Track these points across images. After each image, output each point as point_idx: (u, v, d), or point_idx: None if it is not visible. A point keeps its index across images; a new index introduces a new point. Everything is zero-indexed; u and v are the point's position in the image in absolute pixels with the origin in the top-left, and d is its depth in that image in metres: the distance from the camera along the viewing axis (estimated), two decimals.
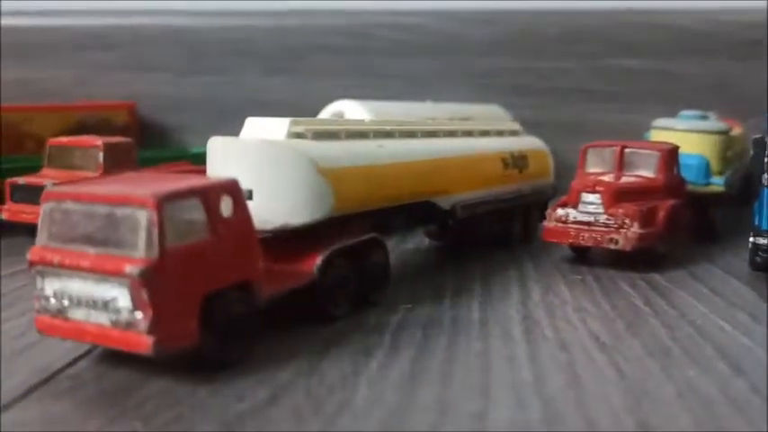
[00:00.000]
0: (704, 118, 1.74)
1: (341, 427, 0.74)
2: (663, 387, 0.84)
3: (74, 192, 0.85)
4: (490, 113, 1.91)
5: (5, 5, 2.28)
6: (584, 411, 0.78)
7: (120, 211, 0.81)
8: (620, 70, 2.17)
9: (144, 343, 0.79)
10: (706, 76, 2.16)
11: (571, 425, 0.75)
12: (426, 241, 1.65)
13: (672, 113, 1.77)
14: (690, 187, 1.59)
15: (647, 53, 2.16)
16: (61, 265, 0.83)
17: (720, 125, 1.72)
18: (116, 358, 0.91)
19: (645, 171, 1.49)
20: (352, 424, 0.74)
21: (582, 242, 1.41)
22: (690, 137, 1.67)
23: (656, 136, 1.72)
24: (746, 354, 0.96)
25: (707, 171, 1.66)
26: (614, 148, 1.50)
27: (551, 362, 0.92)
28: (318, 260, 1.04)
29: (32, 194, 1.54)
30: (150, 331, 0.79)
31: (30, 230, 1.55)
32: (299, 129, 1.10)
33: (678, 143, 1.57)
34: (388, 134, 1.26)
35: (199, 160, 1.52)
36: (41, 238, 0.87)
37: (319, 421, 0.75)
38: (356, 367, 0.90)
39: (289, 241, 1.07)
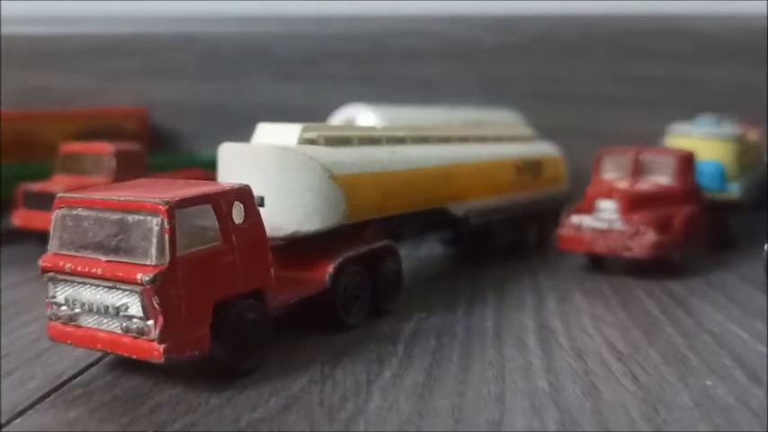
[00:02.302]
0: (720, 123, 1.72)
1: None
2: (680, 396, 0.83)
3: (86, 198, 0.85)
4: (504, 119, 1.90)
5: (20, 13, 2.29)
6: (601, 420, 0.77)
7: (132, 218, 0.81)
8: (638, 76, 2.15)
9: (155, 350, 0.79)
10: (725, 82, 2.14)
11: None
12: (440, 249, 1.64)
13: (690, 119, 1.75)
14: (705, 193, 1.57)
15: (665, 58, 2.15)
16: (73, 273, 0.83)
17: (736, 131, 1.70)
18: (128, 366, 0.90)
19: (661, 177, 1.47)
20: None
21: (597, 250, 1.40)
22: (705, 143, 1.66)
23: (672, 142, 1.71)
24: (764, 362, 0.94)
25: (722, 177, 1.64)
26: (630, 154, 1.49)
27: (567, 371, 0.91)
28: (330, 268, 1.04)
29: (44, 201, 1.55)
30: (161, 339, 0.79)
31: (42, 237, 1.56)
32: (312, 135, 1.09)
33: (694, 149, 1.56)
34: (401, 140, 1.26)
35: (211, 166, 1.52)
36: (53, 244, 0.86)
37: (333, 429, 0.74)
38: (370, 376, 0.89)
39: (301, 248, 1.06)
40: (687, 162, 1.49)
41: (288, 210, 1.02)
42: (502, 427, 0.75)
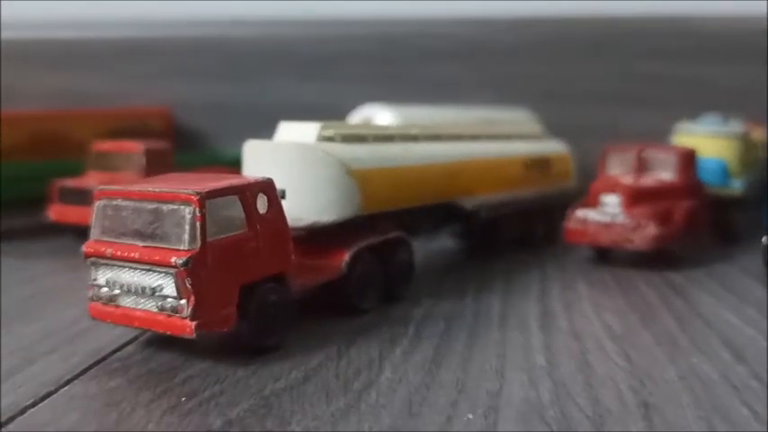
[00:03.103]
0: (725, 122, 1.78)
1: (367, 403, 0.81)
2: (667, 371, 0.90)
3: (124, 190, 0.94)
4: (516, 117, 1.97)
5: (51, 18, 2.39)
6: (592, 391, 0.84)
7: (167, 207, 0.89)
8: (647, 75, 2.21)
9: (187, 327, 0.87)
10: (734, 81, 2.18)
11: (578, 402, 0.81)
12: (451, 242, 1.71)
13: (697, 118, 1.81)
14: (709, 189, 1.63)
15: (674, 59, 2.20)
16: (113, 257, 0.92)
17: (740, 129, 1.76)
18: (162, 343, 0.99)
19: (663, 173, 1.54)
20: (378, 400, 0.81)
21: (601, 242, 1.47)
22: (709, 140, 1.72)
23: (678, 139, 1.77)
24: (750, 344, 1.01)
25: (726, 174, 1.70)
26: (634, 151, 1.56)
27: (564, 350, 0.98)
28: (347, 256, 1.11)
29: (78, 196, 1.64)
30: (193, 316, 0.87)
31: (76, 231, 1.66)
32: (329, 132, 1.17)
33: (699, 146, 1.62)
34: (414, 138, 1.33)
35: (233, 164, 1.60)
36: (95, 232, 0.95)
37: (347, 398, 0.82)
38: (382, 353, 0.97)
39: (319, 238, 1.14)
40: (688, 158, 1.55)
41: (307, 202, 1.10)
42: (501, 397, 0.83)
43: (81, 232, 1.43)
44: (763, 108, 2.10)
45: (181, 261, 0.86)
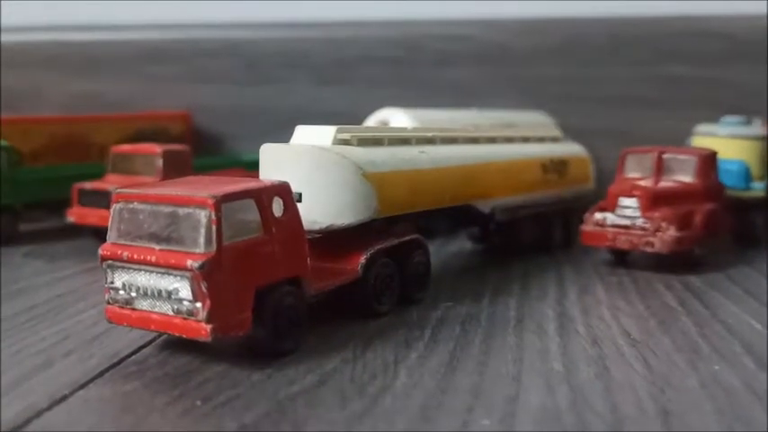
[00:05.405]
0: (746, 124, 1.76)
1: (382, 407, 0.81)
2: (687, 379, 0.89)
3: (141, 193, 0.94)
4: (534, 120, 1.96)
5: (75, 21, 2.41)
6: (610, 398, 0.83)
7: (183, 211, 0.89)
8: (667, 77, 2.19)
9: (203, 330, 0.87)
10: (755, 83, 2.16)
11: (596, 409, 0.80)
12: (469, 245, 1.71)
13: (717, 120, 1.79)
14: (730, 192, 1.61)
15: (693, 60, 2.18)
16: (129, 260, 0.92)
17: (761, 131, 1.74)
18: (178, 346, 0.99)
19: (683, 176, 1.52)
20: (393, 405, 0.81)
21: (619, 245, 1.46)
22: (730, 142, 1.70)
23: (698, 142, 1.75)
24: None
25: (747, 176, 1.69)
26: (652, 153, 1.54)
27: (582, 355, 0.97)
28: (363, 259, 1.11)
29: (98, 198, 1.65)
30: (208, 319, 0.87)
31: (95, 232, 1.67)
32: (345, 136, 1.17)
33: (719, 148, 1.60)
34: (430, 140, 1.33)
35: (251, 167, 1.60)
36: (112, 235, 0.95)
37: (362, 402, 0.82)
38: (398, 357, 0.96)
39: (335, 241, 1.14)
40: (709, 161, 1.53)
41: (323, 205, 1.10)
42: (518, 402, 0.82)
43: (100, 234, 1.43)
44: None
45: (197, 264, 0.86)
